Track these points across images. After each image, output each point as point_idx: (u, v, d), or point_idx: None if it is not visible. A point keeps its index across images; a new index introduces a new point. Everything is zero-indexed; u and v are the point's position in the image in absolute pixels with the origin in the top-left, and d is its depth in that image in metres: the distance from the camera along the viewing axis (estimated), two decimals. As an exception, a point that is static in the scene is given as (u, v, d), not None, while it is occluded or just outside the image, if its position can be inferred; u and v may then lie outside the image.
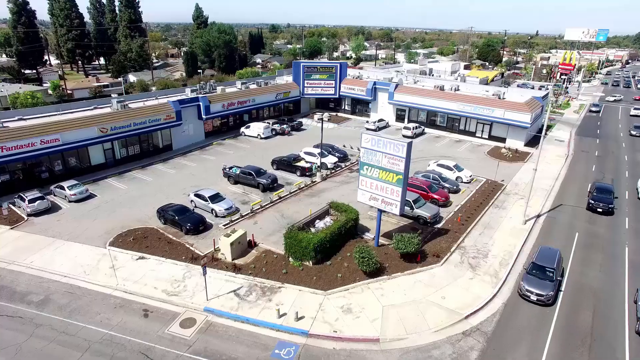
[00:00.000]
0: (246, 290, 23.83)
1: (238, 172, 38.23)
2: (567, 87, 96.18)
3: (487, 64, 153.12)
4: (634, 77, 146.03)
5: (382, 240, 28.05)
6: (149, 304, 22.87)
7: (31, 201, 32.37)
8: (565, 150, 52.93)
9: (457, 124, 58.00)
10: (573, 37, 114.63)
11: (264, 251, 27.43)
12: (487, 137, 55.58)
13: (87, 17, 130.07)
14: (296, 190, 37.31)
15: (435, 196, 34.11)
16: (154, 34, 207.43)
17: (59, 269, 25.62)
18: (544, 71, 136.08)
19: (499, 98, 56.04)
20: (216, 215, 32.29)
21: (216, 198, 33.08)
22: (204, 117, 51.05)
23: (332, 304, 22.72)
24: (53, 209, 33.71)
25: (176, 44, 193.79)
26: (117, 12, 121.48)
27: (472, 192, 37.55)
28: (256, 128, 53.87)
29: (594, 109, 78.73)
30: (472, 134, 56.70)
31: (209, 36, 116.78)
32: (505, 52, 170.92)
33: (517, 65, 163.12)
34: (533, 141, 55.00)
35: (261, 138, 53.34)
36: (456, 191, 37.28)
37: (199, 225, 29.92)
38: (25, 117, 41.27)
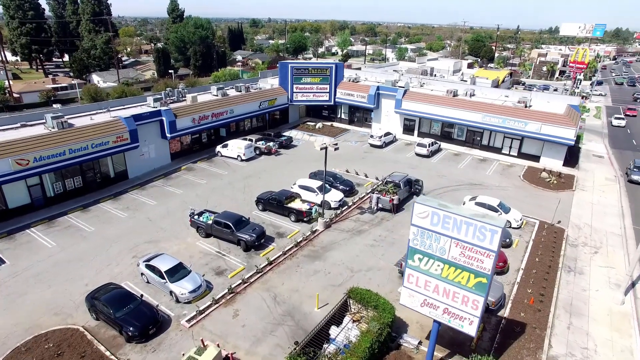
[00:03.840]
0: None
1: (210, 222, 27.57)
2: (578, 88, 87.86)
3: (479, 60, 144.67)
4: None
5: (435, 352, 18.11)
6: None
7: None
8: (611, 169, 43.96)
9: (478, 138, 48.40)
10: (569, 32, 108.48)
11: (249, 381, 17.17)
12: (516, 154, 46.17)
13: (47, 10, 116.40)
14: (292, 248, 26.92)
15: (490, 260, 24.21)
16: (127, 28, 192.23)
17: None
18: (544, 69, 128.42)
19: (525, 106, 46.73)
20: (177, 301, 21.77)
21: (177, 272, 22.37)
22: (168, 135, 39.94)
23: None
24: None
25: (151, 39, 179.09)
26: (79, 3, 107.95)
27: (528, 245, 27.89)
28: (236, 147, 43.01)
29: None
30: (498, 150, 47.14)
31: (184, 31, 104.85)
32: (494, 48, 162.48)
33: (510, 62, 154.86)
34: (568, 159, 45.86)
35: (242, 160, 42.55)
36: (508, 245, 27.51)
37: (148, 327, 19.32)
38: None
